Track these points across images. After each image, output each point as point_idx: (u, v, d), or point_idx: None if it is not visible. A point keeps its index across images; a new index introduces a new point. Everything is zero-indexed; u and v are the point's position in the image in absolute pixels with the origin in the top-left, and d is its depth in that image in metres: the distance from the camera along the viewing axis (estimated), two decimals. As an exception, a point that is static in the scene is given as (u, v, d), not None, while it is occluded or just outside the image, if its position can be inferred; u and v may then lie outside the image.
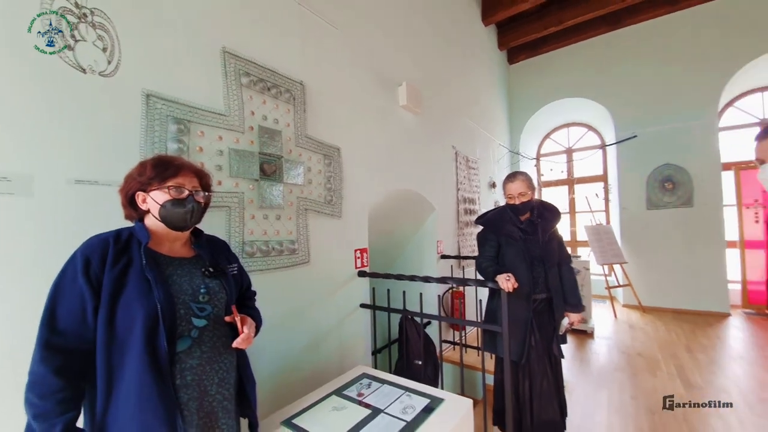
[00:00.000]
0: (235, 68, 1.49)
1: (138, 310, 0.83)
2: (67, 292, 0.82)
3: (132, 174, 0.94)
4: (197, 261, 1.00)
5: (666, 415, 2.29)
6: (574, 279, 1.93)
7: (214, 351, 0.95)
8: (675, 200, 4.59)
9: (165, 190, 0.92)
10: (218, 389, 0.94)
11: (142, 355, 0.81)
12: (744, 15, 4.18)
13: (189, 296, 0.92)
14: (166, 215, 0.92)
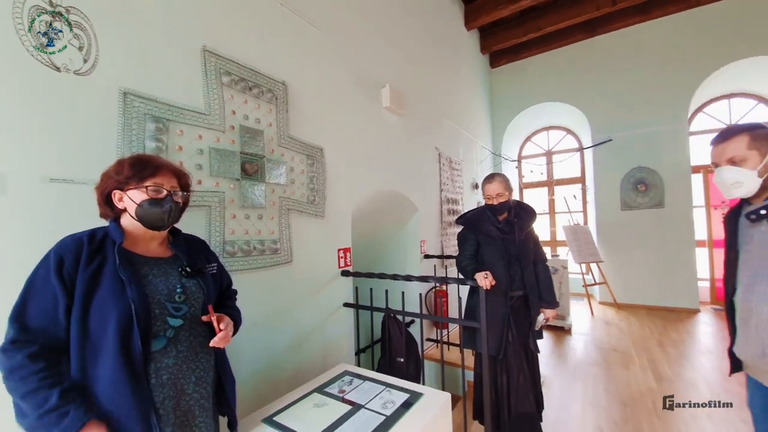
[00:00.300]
0: (215, 67, 1.49)
1: (111, 310, 0.83)
2: (39, 291, 0.81)
3: (109, 172, 0.93)
4: (174, 261, 1.00)
5: (638, 406, 2.39)
6: (549, 276, 2.00)
7: (191, 350, 0.95)
8: (647, 201, 4.80)
9: (143, 190, 0.91)
10: (195, 388, 0.95)
11: (115, 355, 0.81)
12: (710, 26, 4.41)
13: (164, 296, 0.92)
14: (143, 215, 0.92)
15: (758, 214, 1.08)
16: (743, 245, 1.15)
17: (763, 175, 1.06)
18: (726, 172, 1.11)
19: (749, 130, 1.09)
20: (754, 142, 1.06)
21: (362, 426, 1.18)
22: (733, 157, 1.09)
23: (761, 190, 1.08)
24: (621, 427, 2.17)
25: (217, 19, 1.54)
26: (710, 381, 2.68)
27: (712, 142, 1.17)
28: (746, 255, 1.13)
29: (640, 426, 2.17)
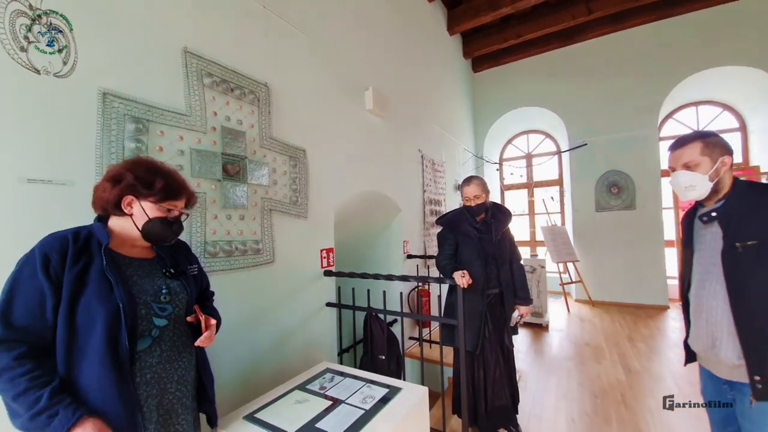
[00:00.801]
0: (197, 68, 1.50)
1: (99, 310, 0.83)
2: (24, 288, 0.80)
3: (135, 181, 0.92)
4: (158, 262, 1.02)
5: (608, 398, 2.52)
6: (523, 275, 2.09)
7: (174, 350, 0.97)
8: (620, 203, 5.03)
9: (160, 207, 0.95)
10: (177, 386, 0.97)
11: (103, 354, 0.82)
12: (679, 38, 4.66)
13: (150, 296, 0.94)
14: (150, 230, 0.94)
15: (709, 216, 1.17)
16: (697, 245, 1.24)
17: (714, 180, 1.14)
18: (681, 176, 1.19)
19: (702, 138, 1.17)
20: (706, 149, 1.15)
21: (342, 420, 1.21)
22: (688, 162, 1.17)
23: (713, 194, 1.16)
24: (591, 418, 2.29)
25: (198, 21, 1.55)
26: (676, 374, 2.83)
27: (670, 148, 1.26)
28: (699, 254, 1.22)
29: (608, 416, 2.29)
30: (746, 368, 1.06)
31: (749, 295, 1.05)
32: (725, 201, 1.15)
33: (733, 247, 1.08)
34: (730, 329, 1.09)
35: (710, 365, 1.23)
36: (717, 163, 1.13)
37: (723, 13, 4.40)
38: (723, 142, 1.16)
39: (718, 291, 1.13)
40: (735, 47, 4.34)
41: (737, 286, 1.08)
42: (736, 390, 1.14)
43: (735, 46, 4.34)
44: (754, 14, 4.24)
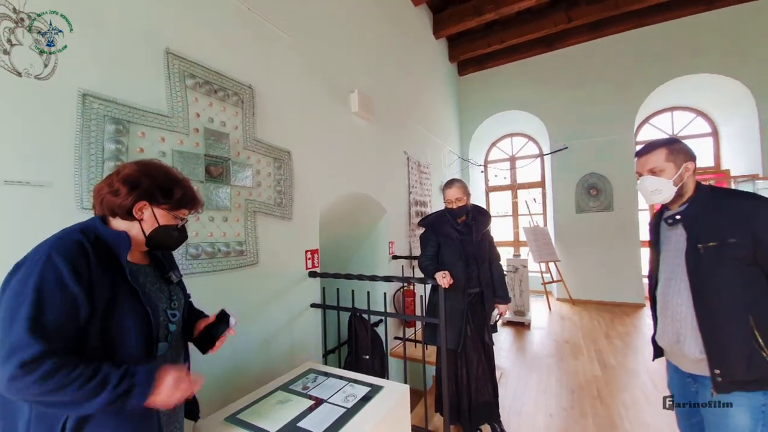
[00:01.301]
0: (179, 70, 1.50)
1: (131, 320, 0.82)
2: (54, 298, 0.72)
3: (153, 188, 0.89)
4: (155, 268, 1.01)
5: (584, 393, 2.61)
6: (502, 274, 2.16)
7: (176, 352, 1.02)
8: (598, 205, 5.20)
9: (172, 216, 0.94)
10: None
11: (138, 360, 0.82)
12: (655, 45, 4.86)
13: (164, 303, 0.96)
14: (158, 237, 0.92)
15: (674, 219, 1.22)
16: (663, 246, 1.29)
17: (678, 184, 1.19)
18: (647, 181, 1.24)
19: (667, 145, 1.22)
20: (671, 155, 1.20)
21: (323, 419, 1.23)
22: (653, 168, 1.21)
23: (677, 197, 1.22)
24: (569, 412, 2.37)
25: (181, 22, 1.54)
26: (650, 369, 2.95)
27: (636, 154, 1.31)
28: (665, 254, 1.27)
29: (584, 411, 2.38)
30: (707, 362, 1.11)
31: (710, 293, 1.11)
32: (689, 205, 1.20)
33: (696, 248, 1.13)
34: (693, 325, 1.15)
35: (675, 360, 1.29)
36: (681, 168, 1.19)
37: (696, 23, 4.61)
38: (686, 148, 1.22)
39: (683, 290, 1.18)
40: (707, 56, 4.56)
41: (699, 285, 1.13)
42: (699, 383, 1.19)
43: (707, 54, 4.56)
44: (726, 25, 4.46)
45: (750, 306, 1.06)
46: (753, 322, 1.05)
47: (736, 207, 1.10)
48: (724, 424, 1.11)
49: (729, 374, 1.07)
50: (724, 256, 1.08)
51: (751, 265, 1.07)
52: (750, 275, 1.07)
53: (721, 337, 1.09)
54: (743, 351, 1.05)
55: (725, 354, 1.08)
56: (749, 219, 1.06)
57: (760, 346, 1.04)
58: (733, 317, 1.07)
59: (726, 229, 1.09)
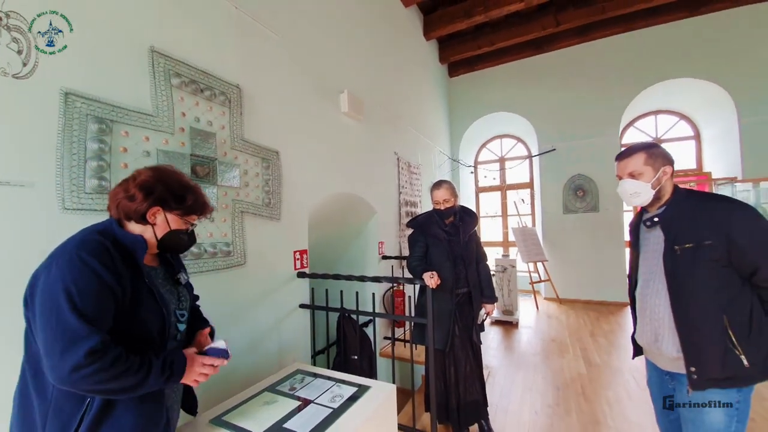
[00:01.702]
0: (164, 68, 1.48)
1: (150, 320, 0.89)
2: (93, 289, 0.77)
3: (167, 194, 0.93)
4: (165, 269, 1.06)
5: (569, 390, 2.67)
6: (489, 274, 2.19)
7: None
8: (585, 206, 5.30)
9: (184, 221, 0.98)
10: (179, 384, 1.06)
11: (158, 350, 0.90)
12: (640, 50, 4.97)
13: (174, 304, 1.00)
14: (170, 241, 0.97)
15: (652, 221, 1.26)
16: (642, 247, 1.33)
17: (656, 188, 1.23)
18: (627, 184, 1.27)
19: (645, 149, 1.25)
20: (649, 159, 1.23)
21: (309, 420, 1.24)
22: (633, 172, 1.25)
23: (655, 200, 1.25)
24: (554, 409, 2.42)
25: (167, 20, 1.52)
26: (632, 367, 3.02)
27: (617, 158, 1.35)
28: (644, 255, 1.31)
29: (569, 408, 2.43)
30: (684, 361, 1.14)
31: (687, 294, 1.14)
32: (666, 207, 1.24)
33: (673, 249, 1.16)
34: (671, 325, 1.18)
35: (654, 358, 1.33)
36: (659, 172, 1.22)
37: (680, 29, 4.73)
38: (664, 153, 1.25)
39: (660, 290, 1.21)
40: (690, 61, 4.68)
41: (676, 285, 1.16)
42: (676, 380, 1.23)
43: (690, 59, 4.68)
44: (708, 31, 4.59)
45: (725, 306, 1.09)
46: (727, 321, 1.08)
47: (711, 210, 1.13)
48: (699, 420, 1.14)
49: (704, 372, 1.10)
50: (700, 257, 1.11)
51: (726, 267, 1.10)
52: (725, 276, 1.10)
53: (697, 337, 1.12)
54: (718, 350, 1.08)
55: (701, 353, 1.11)
56: (724, 222, 1.09)
57: (734, 345, 1.07)
58: (709, 317, 1.10)
59: (702, 232, 1.11)
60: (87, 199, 1.24)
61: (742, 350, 1.07)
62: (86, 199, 1.23)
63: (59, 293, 0.74)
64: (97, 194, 1.26)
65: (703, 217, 1.14)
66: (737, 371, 1.07)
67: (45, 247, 1.11)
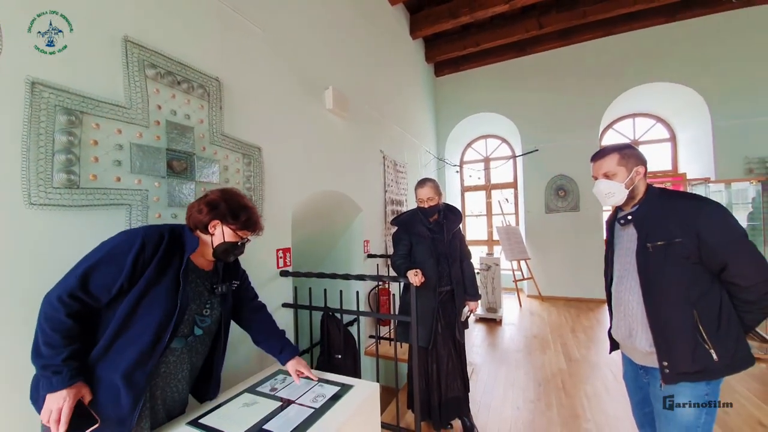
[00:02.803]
0: (138, 58, 1.42)
1: (162, 304, 1.01)
2: (112, 261, 0.96)
3: (226, 210, 1.15)
4: (213, 275, 1.23)
5: (550, 385, 2.72)
6: (472, 272, 2.21)
7: (192, 352, 1.16)
8: (566, 205, 5.43)
9: (236, 236, 1.17)
10: (180, 382, 1.16)
11: (148, 343, 0.99)
12: (619, 54, 5.12)
13: (196, 306, 1.13)
14: (222, 250, 1.16)
15: (626, 219, 1.29)
16: (617, 244, 1.36)
17: (630, 187, 1.26)
18: (601, 185, 1.30)
19: (618, 150, 1.28)
20: (622, 160, 1.26)
21: (290, 420, 1.21)
22: (607, 172, 1.28)
23: (629, 199, 1.28)
24: (535, 404, 2.46)
25: (141, 9, 1.46)
26: (610, 362, 3.10)
27: (592, 159, 1.36)
28: (618, 253, 1.34)
29: (550, 402, 2.48)
30: (656, 355, 1.17)
31: (658, 290, 1.16)
32: (639, 206, 1.26)
33: (645, 247, 1.19)
34: (644, 320, 1.21)
35: (629, 352, 1.36)
36: (632, 172, 1.25)
37: (658, 33, 4.89)
38: (637, 153, 1.28)
39: (634, 287, 1.24)
40: (667, 65, 4.85)
41: (648, 282, 1.18)
42: (650, 375, 1.26)
43: (667, 64, 4.85)
44: (685, 35, 4.77)
45: (695, 302, 1.12)
46: (697, 317, 1.11)
47: (682, 208, 1.16)
48: (671, 413, 1.18)
49: (675, 366, 1.13)
50: (671, 254, 1.13)
51: (696, 264, 1.13)
52: (695, 273, 1.13)
53: (668, 332, 1.15)
54: (689, 345, 1.11)
55: (672, 348, 1.14)
56: (693, 220, 1.11)
57: (704, 339, 1.10)
58: (679, 313, 1.13)
59: (673, 229, 1.14)
60: (55, 194, 1.17)
61: (711, 345, 1.09)
62: (54, 194, 1.17)
63: (96, 251, 0.99)
64: (65, 189, 1.20)
65: (673, 215, 1.16)
66: (707, 365, 1.10)
67: (8, 245, 1.06)
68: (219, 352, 1.30)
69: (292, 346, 1.50)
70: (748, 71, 4.48)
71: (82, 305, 0.94)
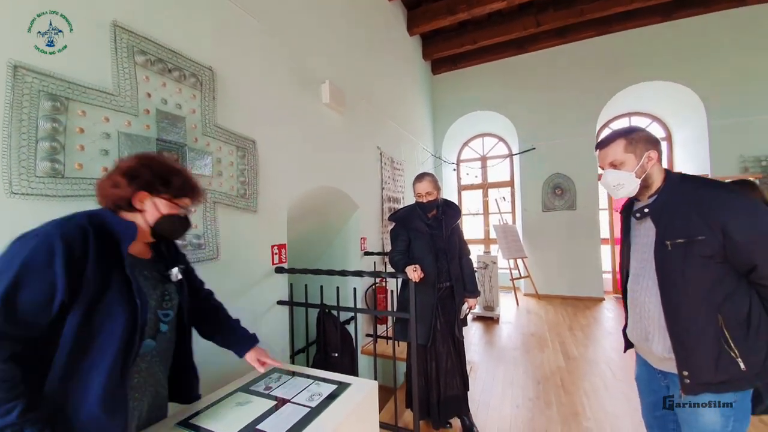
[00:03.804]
0: (128, 44, 1.36)
1: (120, 314, 0.82)
2: (36, 278, 0.73)
3: (152, 177, 0.90)
4: (156, 263, 1.01)
5: (549, 383, 2.69)
6: (472, 269, 2.17)
7: (162, 355, 1.00)
8: (563, 204, 5.42)
9: (174, 205, 0.94)
10: (157, 390, 1.02)
11: (115, 358, 0.81)
12: (616, 53, 5.12)
13: (155, 301, 0.94)
14: (163, 227, 0.93)
15: (642, 212, 1.14)
16: (633, 239, 1.22)
17: (641, 176, 1.11)
18: (608, 175, 1.16)
19: (625, 135, 1.13)
20: (629, 145, 1.12)
21: (285, 420, 1.17)
22: (613, 161, 1.14)
23: (644, 189, 1.13)
24: (534, 402, 2.43)
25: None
26: (609, 360, 3.10)
27: (596, 147, 1.22)
28: (634, 248, 1.20)
29: (549, 400, 2.45)
30: (675, 363, 1.05)
31: (678, 292, 1.03)
32: (657, 197, 1.12)
33: (664, 244, 1.05)
34: (661, 324, 1.08)
35: (644, 354, 1.24)
36: (642, 158, 1.10)
37: (654, 32, 4.89)
38: (647, 136, 1.13)
39: (651, 287, 1.11)
40: (663, 64, 4.86)
41: (667, 283, 1.05)
42: (669, 379, 1.14)
43: (664, 62, 4.86)
44: (681, 34, 4.78)
45: (719, 305, 0.99)
46: (722, 321, 0.98)
47: (706, 199, 1.01)
48: (694, 419, 1.06)
49: (697, 376, 1.01)
50: (693, 253, 1.00)
51: (721, 263, 0.99)
52: (720, 273, 1.00)
53: (688, 339, 1.02)
54: (711, 352, 0.99)
55: (693, 356, 1.01)
56: (719, 213, 0.97)
57: (729, 346, 0.97)
58: (702, 318, 1.00)
59: (695, 224, 1.00)
60: (38, 183, 1.12)
61: (738, 352, 0.97)
62: (37, 183, 1.12)
63: (5, 269, 0.72)
64: (49, 178, 1.14)
65: (696, 206, 1.01)
66: (733, 375, 0.98)
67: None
68: (187, 343, 1.15)
69: (250, 333, 1.34)
70: (743, 70, 4.50)
71: (14, 342, 0.72)
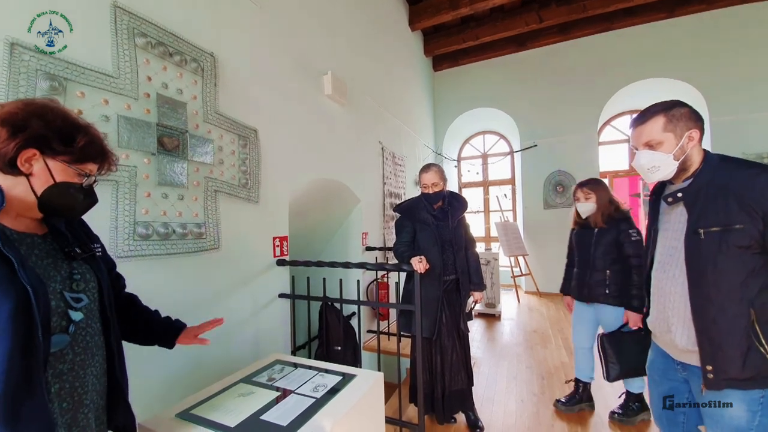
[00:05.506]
0: (128, 26, 1.33)
1: (3, 303, 0.60)
2: None
3: (47, 131, 0.67)
4: (53, 240, 0.76)
5: (553, 379, 2.67)
6: (478, 261, 2.14)
7: (88, 352, 0.76)
8: (564, 201, 5.40)
9: (71, 170, 0.71)
10: (92, 397, 0.77)
11: (11, 358, 0.60)
12: (618, 50, 5.09)
13: (59, 283, 0.72)
14: (54, 197, 0.70)
15: (675, 197, 1.05)
16: (662, 224, 1.14)
17: (680, 158, 1.02)
18: (642, 157, 1.06)
19: (665, 111, 1.03)
20: (669, 123, 1.02)
21: (289, 410, 1.13)
22: (649, 141, 1.04)
23: (680, 172, 1.04)
24: (539, 397, 2.41)
25: (131, -27, 1.37)
26: (610, 354, 3.08)
27: (631, 124, 1.11)
28: (663, 234, 1.13)
29: (554, 395, 2.42)
30: (699, 356, 0.99)
31: (709, 284, 0.97)
32: (693, 180, 1.03)
33: (696, 232, 0.98)
34: (687, 315, 1.02)
35: (665, 346, 1.17)
36: (683, 139, 1.01)
37: (657, 29, 4.87)
38: (689, 112, 1.03)
39: (678, 277, 1.04)
40: (666, 61, 4.83)
41: (697, 273, 0.99)
42: (689, 372, 1.08)
43: (666, 60, 4.83)
44: (683, 31, 4.75)
45: (753, 299, 0.93)
46: (755, 316, 0.92)
47: (747, 179, 0.93)
48: (719, 414, 1.00)
49: (722, 371, 0.95)
50: (728, 242, 0.93)
51: (759, 254, 0.93)
52: (757, 264, 0.93)
53: (716, 333, 0.96)
54: (740, 347, 0.93)
55: (720, 350, 0.96)
56: (761, 196, 0.89)
57: (760, 342, 0.91)
58: (733, 311, 0.94)
59: (733, 210, 0.93)
60: (33, 166, 1.08)
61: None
62: (32, 166, 1.08)
63: None
64: (45, 161, 1.10)
65: (735, 189, 0.93)
66: (761, 370, 0.92)
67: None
68: (114, 344, 0.85)
69: (173, 319, 1.10)
70: (746, 67, 4.49)
71: None
